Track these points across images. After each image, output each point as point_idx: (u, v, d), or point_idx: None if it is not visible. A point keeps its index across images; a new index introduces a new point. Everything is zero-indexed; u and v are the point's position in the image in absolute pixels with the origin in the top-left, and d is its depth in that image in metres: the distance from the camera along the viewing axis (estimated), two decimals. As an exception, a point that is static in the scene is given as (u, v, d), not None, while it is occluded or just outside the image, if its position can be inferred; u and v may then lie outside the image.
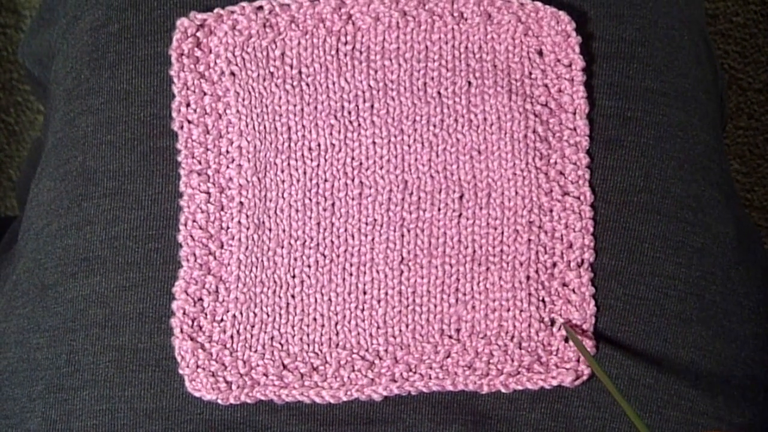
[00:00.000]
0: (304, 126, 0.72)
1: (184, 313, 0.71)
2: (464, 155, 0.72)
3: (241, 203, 0.72)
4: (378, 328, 0.71)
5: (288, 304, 0.71)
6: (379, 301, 0.71)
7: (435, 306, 0.71)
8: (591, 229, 0.72)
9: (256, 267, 0.71)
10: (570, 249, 0.72)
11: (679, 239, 0.73)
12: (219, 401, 0.70)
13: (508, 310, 0.71)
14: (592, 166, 0.73)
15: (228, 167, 0.73)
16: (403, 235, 0.71)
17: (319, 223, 0.71)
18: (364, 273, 0.71)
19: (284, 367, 0.70)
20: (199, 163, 0.72)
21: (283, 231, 0.71)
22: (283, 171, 0.72)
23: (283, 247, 0.71)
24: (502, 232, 0.71)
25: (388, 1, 0.73)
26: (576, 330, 0.70)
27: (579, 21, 0.73)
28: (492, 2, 0.73)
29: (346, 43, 0.73)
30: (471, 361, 0.70)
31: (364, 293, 0.71)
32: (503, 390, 0.70)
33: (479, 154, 0.72)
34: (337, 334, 0.71)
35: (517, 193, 0.72)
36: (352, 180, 0.72)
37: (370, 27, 0.73)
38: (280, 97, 0.72)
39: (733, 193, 0.79)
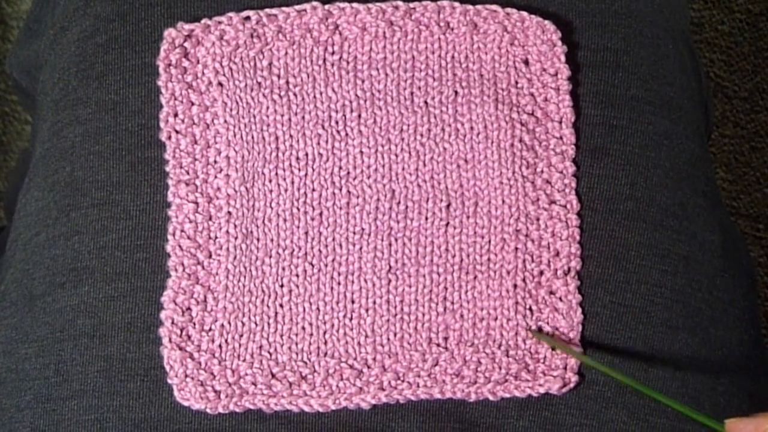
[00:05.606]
0: (291, 136, 0.72)
1: (172, 323, 0.71)
2: (451, 164, 0.72)
3: (229, 213, 0.72)
4: (366, 336, 0.71)
5: (276, 313, 0.71)
6: (367, 310, 0.71)
7: (423, 314, 0.71)
8: (578, 238, 0.72)
9: (245, 276, 0.71)
10: (557, 257, 0.72)
11: (665, 247, 0.73)
12: (208, 410, 0.70)
13: (496, 318, 0.71)
14: (579, 174, 0.73)
15: (216, 177, 0.73)
16: (390, 244, 0.71)
17: (307, 233, 0.71)
18: (352, 282, 0.71)
19: (273, 376, 0.70)
20: (187, 173, 0.72)
21: (271, 240, 0.71)
22: (270, 181, 0.72)
23: (271, 257, 0.71)
24: (489, 241, 0.71)
25: (374, 11, 0.73)
26: (563, 338, 0.71)
27: (564, 30, 0.74)
28: (478, 12, 0.73)
29: (333, 53, 0.73)
30: (459, 369, 0.70)
31: (352, 302, 0.71)
32: (491, 398, 0.70)
33: (466, 163, 0.72)
34: (326, 342, 0.71)
35: (503, 201, 0.72)
36: (340, 189, 0.72)
37: (357, 37, 0.73)
38: (267, 107, 0.72)
39: (718, 200, 0.80)
